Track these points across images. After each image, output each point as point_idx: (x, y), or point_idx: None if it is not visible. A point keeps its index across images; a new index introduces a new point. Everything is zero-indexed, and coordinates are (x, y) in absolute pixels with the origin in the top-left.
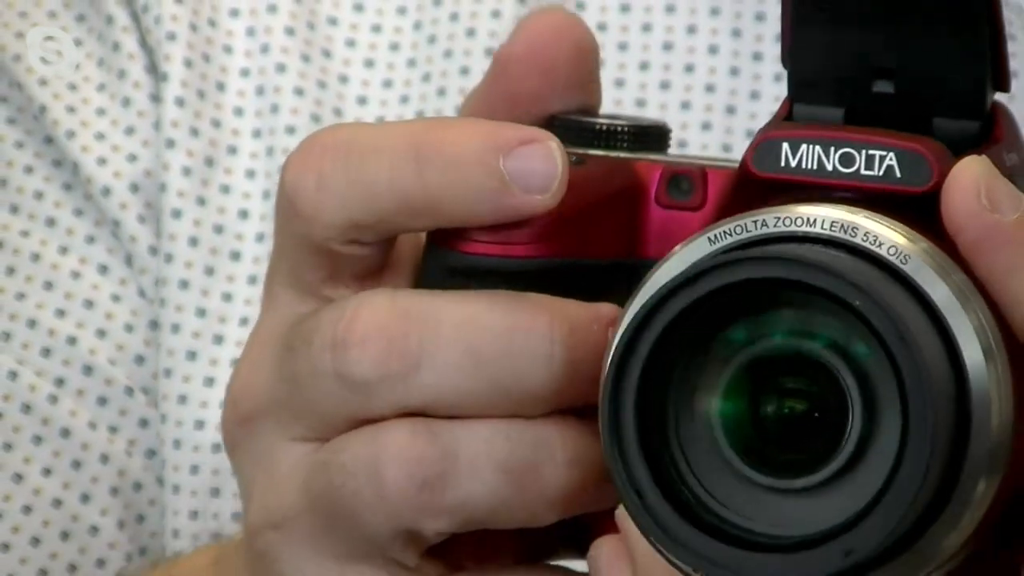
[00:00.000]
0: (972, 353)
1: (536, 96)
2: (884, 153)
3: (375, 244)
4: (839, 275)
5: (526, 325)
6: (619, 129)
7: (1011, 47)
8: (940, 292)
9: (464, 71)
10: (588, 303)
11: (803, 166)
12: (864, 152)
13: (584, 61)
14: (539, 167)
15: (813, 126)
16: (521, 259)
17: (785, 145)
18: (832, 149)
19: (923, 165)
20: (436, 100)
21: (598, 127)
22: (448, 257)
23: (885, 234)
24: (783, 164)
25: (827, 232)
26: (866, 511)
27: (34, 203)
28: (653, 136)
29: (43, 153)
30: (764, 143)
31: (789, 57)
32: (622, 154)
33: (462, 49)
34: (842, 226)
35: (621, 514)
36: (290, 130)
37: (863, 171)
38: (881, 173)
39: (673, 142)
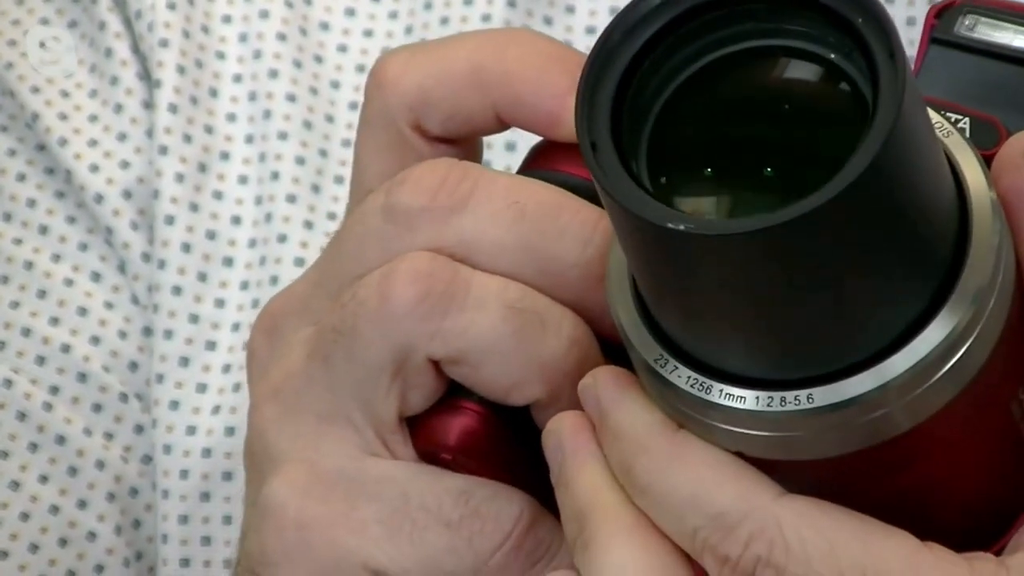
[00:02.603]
0: (980, 225)
1: None
2: (961, 117)
3: (436, 144)
4: None
5: (576, 207)
6: None
7: None
8: (975, 178)
9: None
10: None
11: None
12: (942, 113)
13: None
14: None
15: None
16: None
17: None
18: None
19: (994, 131)
20: None
21: None
22: (545, 176)
23: (938, 117)
24: None
25: None
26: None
27: (27, 211)
28: None
29: (36, 161)
30: None
31: None
32: None
33: None
34: None
35: (584, 385)
36: (282, 136)
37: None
38: None
39: None
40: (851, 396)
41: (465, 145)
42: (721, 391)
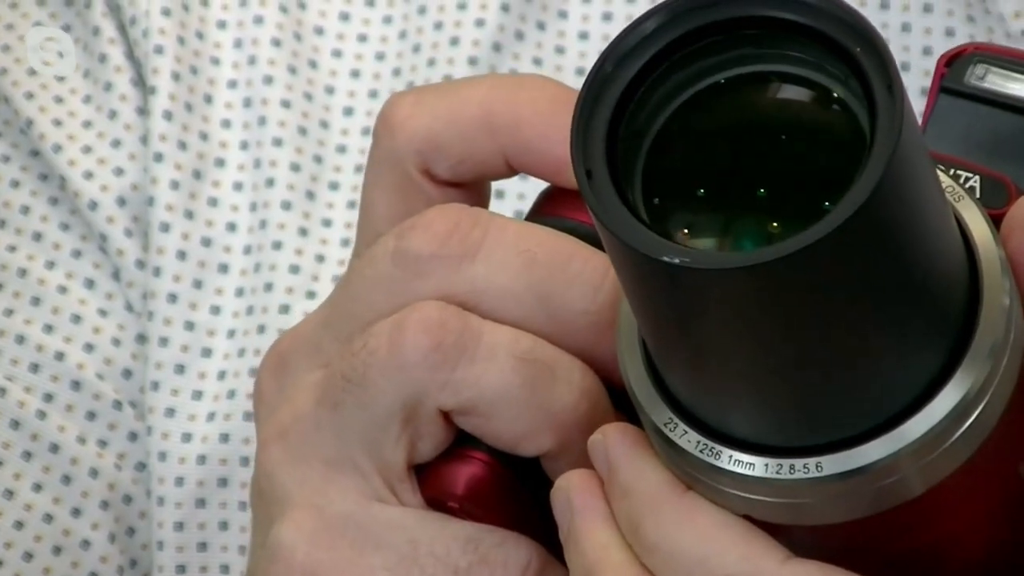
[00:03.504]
0: (991, 284)
1: None
2: (971, 175)
3: (444, 188)
4: (845, 20)
5: (586, 255)
6: None
7: None
8: (983, 236)
9: (446, 80)
10: None
11: None
12: (952, 171)
13: None
14: None
15: None
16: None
17: None
18: None
19: (1004, 190)
20: None
21: None
22: (554, 223)
23: (948, 179)
24: None
25: None
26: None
27: (21, 218)
28: None
29: (29, 167)
30: None
31: None
32: None
33: (445, 58)
34: None
35: (593, 441)
36: (277, 142)
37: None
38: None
39: None
40: (862, 464)
41: (473, 189)
42: (730, 457)
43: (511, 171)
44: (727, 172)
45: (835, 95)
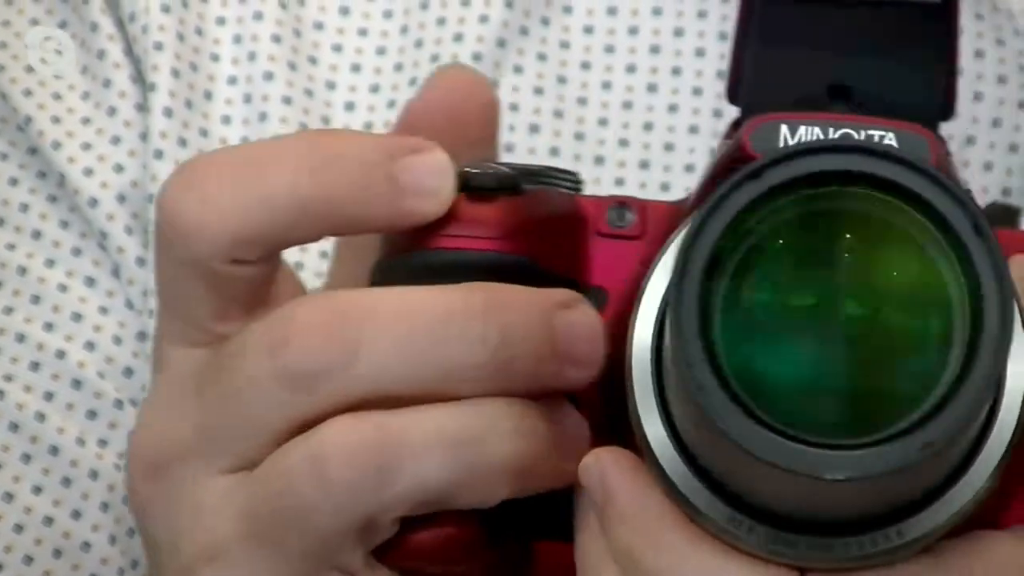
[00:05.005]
0: None
1: (446, 150)
2: (884, 132)
3: (257, 264)
4: (927, 172)
5: (459, 308)
6: (551, 172)
7: (1001, 52)
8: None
9: None
10: (538, 288)
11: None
12: (863, 132)
13: (491, 120)
14: (428, 172)
15: (806, 112)
16: (482, 252)
17: (784, 127)
18: (831, 129)
19: (923, 145)
20: None
21: (529, 169)
22: (413, 258)
23: None
24: (782, 144)
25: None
26: (941, 405)
27: (20, 215)
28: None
29: (28, 164)
30: (763, 124)
31: (745, 79)
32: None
33: (449, 54)
34: None
35: (586, 465)
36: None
37: None
38: None
39: (660, 147)
40: (939, 522)
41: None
42: (807, 543)
43: (335, 235)
44: (813, 316)
45: (916, 239)
